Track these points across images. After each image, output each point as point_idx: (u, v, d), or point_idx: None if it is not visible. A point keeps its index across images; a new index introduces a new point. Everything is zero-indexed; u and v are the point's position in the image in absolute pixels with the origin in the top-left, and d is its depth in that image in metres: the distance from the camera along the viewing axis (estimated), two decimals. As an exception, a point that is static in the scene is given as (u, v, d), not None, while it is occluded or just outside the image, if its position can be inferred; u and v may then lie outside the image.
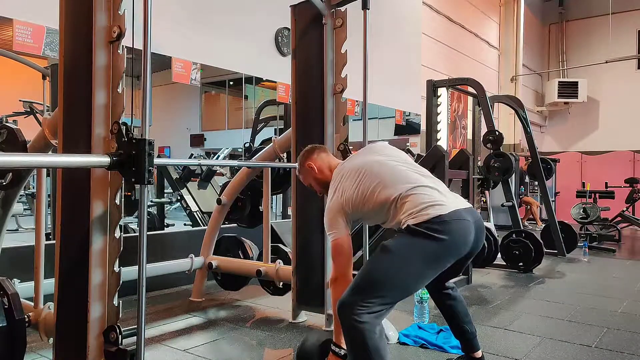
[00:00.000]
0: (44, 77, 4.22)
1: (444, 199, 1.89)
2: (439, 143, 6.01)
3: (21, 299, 2.05)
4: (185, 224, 5.72)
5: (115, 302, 1.65)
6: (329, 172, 2.21)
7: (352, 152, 2.79)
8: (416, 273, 1.83)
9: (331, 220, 2.01)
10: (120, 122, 1.57)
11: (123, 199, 1.67)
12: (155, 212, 5.63)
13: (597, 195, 7.82)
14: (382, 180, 1.96)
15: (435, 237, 1.79)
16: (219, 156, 5.88)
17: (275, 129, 6.10)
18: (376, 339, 1.74)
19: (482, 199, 6.09)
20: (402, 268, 1.80)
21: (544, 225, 6.53)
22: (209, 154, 6.64)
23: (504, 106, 8.07)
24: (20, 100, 4.79)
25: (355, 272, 1.91)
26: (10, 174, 2.37)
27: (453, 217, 1.84)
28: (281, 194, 5.33)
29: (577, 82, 12.02)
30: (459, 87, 6.45)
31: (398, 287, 1.81)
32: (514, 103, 6.37)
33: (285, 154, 3.49)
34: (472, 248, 1.93)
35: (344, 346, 2.00)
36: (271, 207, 3.63)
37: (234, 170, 4.69)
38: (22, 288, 2.37)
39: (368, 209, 1.97)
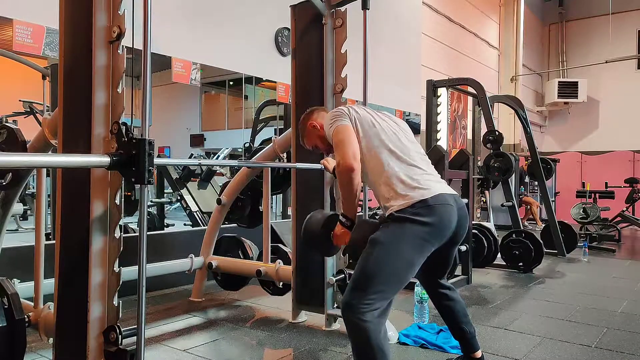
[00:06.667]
0: (44, 77, 4.22)
1: (431, 183, 1.92)
2: (439, 143, 6.01)
3: (21, 299, 2.06)
4: (185, 224, 5.72)
5: (115, 302, 1.65)
6: None
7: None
8: (405, 259, 1.84)
9: (332, 117, 2.01)
10: (120, 122, 1.57)
11: (123, 199, 1.67)
12: (155, 212, 5.63)
13: (597, 195, 7.82)
14: (391, 139, 1.99)
15: (419, 221, 1.83)
16: (219, 156, 5.88)
17: (275, 129, 6.10)
18: (381, 338, 1.76)
19: (482, 199, 6.10)
20: (391, 256, 1.82)
21: (544, 225, 6.53)
22: (209, 154, 6.64)
23: (504, 106, 8.07)
24: (20, 100, 4.80)
25: (351, 272, 1.92)
26: (10, 174, 2.37)
27: (437, 201, 1.87)
28: (281, 194, 5.33)
29: (577, 82, 12.02)
30: (459, 87, 6.44)
31: (391, 276, 1.82)
32: (514, 103, 6.37)
33: (285, 154, 3.49)
34: (455, 233, 1.95)
35: (351, 216, 1.99)
36: (271, 207, 3.64)
37: (234, 170, 4.69)
38: (22, 288, 2.37)
39: (368, 143, 1.97)
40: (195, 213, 5.54)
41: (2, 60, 3.80)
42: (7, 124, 2.37)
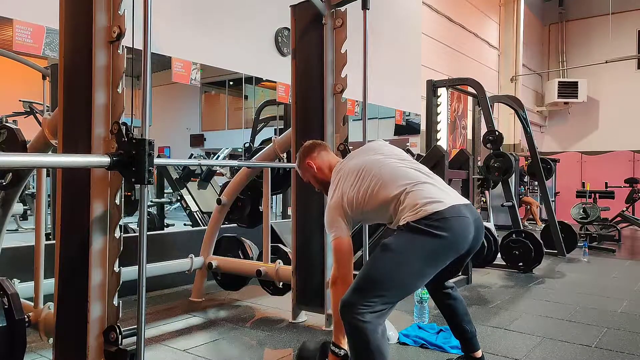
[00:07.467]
0: (44, 77, 4.22)
1: (443, 195, 1.89)
2: (439, 143, 6.01)
3: (21, 299, 2.05)
4: (185, 224, 5.72)
5: (115, 302, 1.65)
6: (328, 171, 2.21)
7: (351, 151, 2.79)
8: (416, 271, 1.82)
9: (331, 221, 2.02)
10: (120, 122, 1.57)
11: (123, 199, 1.67)
12: (155, 212, 5.63)
13: (597, 195, 7.82)
14: (381, 180, 1.96)
15: (435, 234, 1.78)
16: (219, 156, 5.88)
17: (275, 129, 6.10)
18: (379, 338, 1.74)
19: (482, 199, 6.09)
20: (402, 266, 1.80)
21: (544, 225, 6.53)
22: (209, 154, 6.64)
23: (504, 106, 8.07)
24: (20, 100, 4.80)
25: (356, 272, 1.91)
26: (10, 174, 2.37)
27: (452, 213, 1.83)
28: (281, 194, 5.33)
29: (577, 82, 12.02)
30: (459, 87, 6.44)
31: (399, 285, 1.81)
32: (514, 103, 6.37)
33: (285, 154, 3.49)
34: (471, 245, 1.93)
35: (344, 346, 2.00)
36: (271, 207, 3.63)
37: (234, 170, 4.69)
38: (22, 288, 2.37)
39: (369, 209, 1.97)
40: (195, 213, 5.54)
41: (2, 60, 3.80)
42: (7, 124, 2.37)
